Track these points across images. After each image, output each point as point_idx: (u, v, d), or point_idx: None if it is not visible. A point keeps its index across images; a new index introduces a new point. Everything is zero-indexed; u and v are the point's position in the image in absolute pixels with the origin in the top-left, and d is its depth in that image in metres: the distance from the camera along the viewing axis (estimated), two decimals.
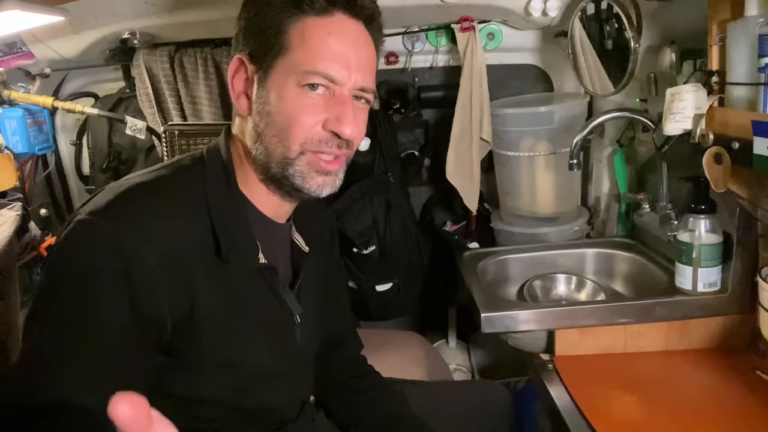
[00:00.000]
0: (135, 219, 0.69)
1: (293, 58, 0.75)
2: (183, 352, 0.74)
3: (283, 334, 0.86)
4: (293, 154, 0.77)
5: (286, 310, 0.86)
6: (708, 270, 1.12)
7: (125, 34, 1.56)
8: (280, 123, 0.76)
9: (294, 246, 0.93)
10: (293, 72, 0.75)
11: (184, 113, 1.68)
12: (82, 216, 0.69)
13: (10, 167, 1.39)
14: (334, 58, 0.75)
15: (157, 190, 0.75)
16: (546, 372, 1.12)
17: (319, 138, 0.77)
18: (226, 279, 0.76)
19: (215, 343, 0.75)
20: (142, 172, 0.79)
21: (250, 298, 0.80)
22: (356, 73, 0.77)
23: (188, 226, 0.73)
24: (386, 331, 1.73)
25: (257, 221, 0.83)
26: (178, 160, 0.82)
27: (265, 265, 0.82)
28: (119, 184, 0.74)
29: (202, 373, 0.76)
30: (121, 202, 0.71)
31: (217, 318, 0.75)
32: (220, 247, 0.75)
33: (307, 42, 0.74)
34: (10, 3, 1.02)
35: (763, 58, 0.86)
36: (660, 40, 1.32)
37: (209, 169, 0.80)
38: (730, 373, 1.05)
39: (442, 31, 1.70)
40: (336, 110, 0.76)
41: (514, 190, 1.72)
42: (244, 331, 0.79)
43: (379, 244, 1.71)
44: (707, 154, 0.98)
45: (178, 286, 0.71)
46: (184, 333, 0.72)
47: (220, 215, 0.76)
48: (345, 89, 0.77)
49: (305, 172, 0.78)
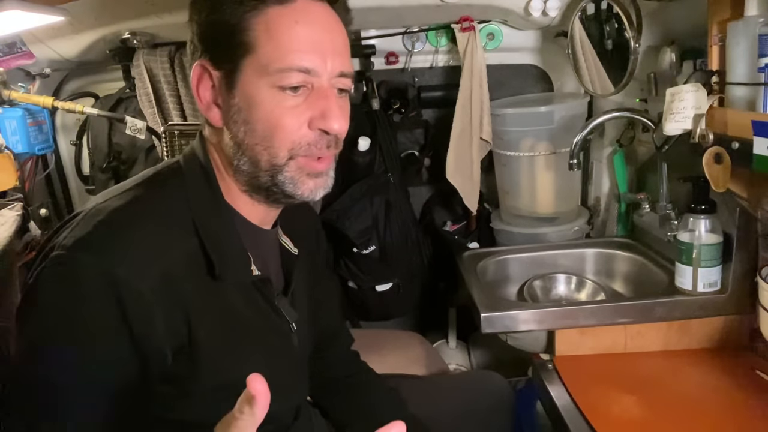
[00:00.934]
0: (120, 250, 0.65)
1: (262, 56, 0.69)
2: (183, 378, 0.70)
3: (281, 344, 0.83)
4: (281, 161, 0.72)
5: (282, 320, 0.83)
6: (708, 270, 1.12)
7: (125, 34, 1.56)
8: (261, 130, 0.71)
9: (283, 250, 0.89)
10: (265, 72, 0.69)
11: (184, 113, 1.68)
12: (62, 252, 0.65)
13: (10, 167, 1.39)
14: (307, 47, 0.70)
15: (136, 215, 0.69)
16: (546, 372, 1.12)
17: (309, 141, 0.72)
18: (221, 297, 0.73)
19: (214, 365, 0.72)
20: (116, 191, 0.73)
21: (246, 313, 0.77)
22: (333, 59, 0.71)
23: (176, 247, 0.69)
24: (386, 331, 1.73)
25: (245, 231, 0.79)
26: (154, 174, 0.77)
27: (259, 276, 0.78)
28: (95, 210, 0.69)
29: (202, 397, 0.72)
30: (100, 233, 0.66)
31: (214, 339, 0.71)
32: (213, 264, 0.71)
33: (273, 36, 0.69)
34: (10, 3, 1.02)
35: (763, 58, 0.86)
36: (660, 40, 1.32)
37: (190, 180, 0.75)
38: (730, 373, 1.05)
39: (442, 31, 1.70)
40: (319, 105, 0.71)
41: (514, 190, 1.72)
42: (242, 348, 0.76)
43: (379, 244, 1.71)
44: (707, 154, 0.98)
45: (174, 312, 0.68)
46: (183, 359, 0.69)
47: (208, 230, 0.72)
48: (324, 79, 0.71)
49: (296, 177, 0.74)
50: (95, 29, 1.53)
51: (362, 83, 1.78)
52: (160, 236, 0.69)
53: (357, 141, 1.72)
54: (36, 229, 1.42)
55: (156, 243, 0.68)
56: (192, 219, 0.72)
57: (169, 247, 0.69)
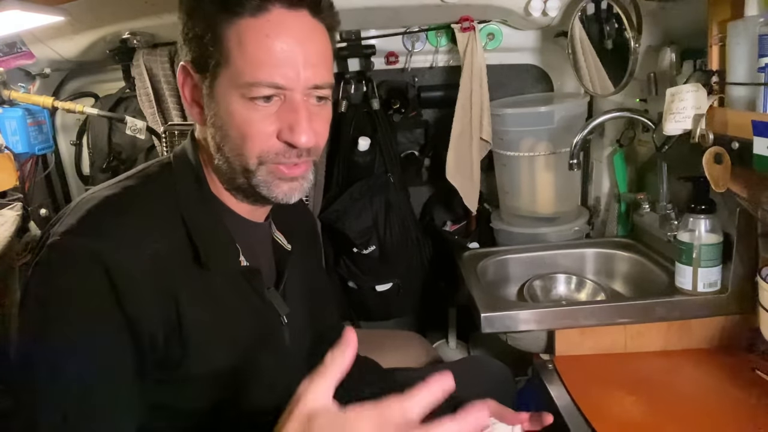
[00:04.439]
0: (111, 232, 0.67)
1: (234, 68, 0.70)
2: (174, 364, 0.72)
3: (271, 337, 0.84)
4: (252, 167, 0.74)
5: (272, 312, 0.84)
6: (708, 270, 1.12)
7: (125, 34, 1.56)
8: (233, 138, 0.73)
9: (276, 245, 0.90)
10: (236, 84, 0.70)
11: (184, 113, 1.68)
12: (56, 238, 0.67)
13: (10, 167, 1.39)
14: (277, 62, 0.69)
15: (127, 202, 0.72)
16: (546, 372, 1.12)
17: (276, 150, 0.73)
18: (208, 286, 0.74)
19: (203, 352, 0.73)
20: (107, 184, 0.76)
21: (234, 303, 0.78)
22: (305, 71, 0.71)
23: (164, 235, 0.71)
24: (386, 331, 1.73)
25: (234, 223, 0.80)
26: (144, 168, 0.80)
27: (247, 267, 0.79)
28: (87, 199, 0.72)
29: (193, 384, 0.74)
30: (93, 217, 0.68)
31: (202, 327, 0.73)
32: (199, 253, 0.72)
33: (244, 49, 0.69)
34: (10, 3, 1.02)
35: (763, 58, 0.86)
36: (660, 40, 1.32)
37: (178, 174, 0.78)
38: (730, 373, 1.05)
39: (442, 31, 1.70)
40: (288, 119, 0.72)
41: (514, 190, 1.72)
42: (231, 337, 0.77)
43: (379, 244, 1.71)
44: (707, 154, 0.98)
45: (163, 296, 0.69)
46: (173, 344, 0.71)
47: (195, 220, 0.74)
48: (296, 92, 0.72)
49: (269, 181, 0.75)
50: (95, 29, 1.53)
51: (362, 83, 1.78)
52: (149, 223, 0.71)
53: (357, 141, 1.72)
54: (36, 229, 1.42)
55: (145, 228, 0.70)
56: (179, 210, 0.74)
57: (157, 233, 0.70)
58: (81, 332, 0.65)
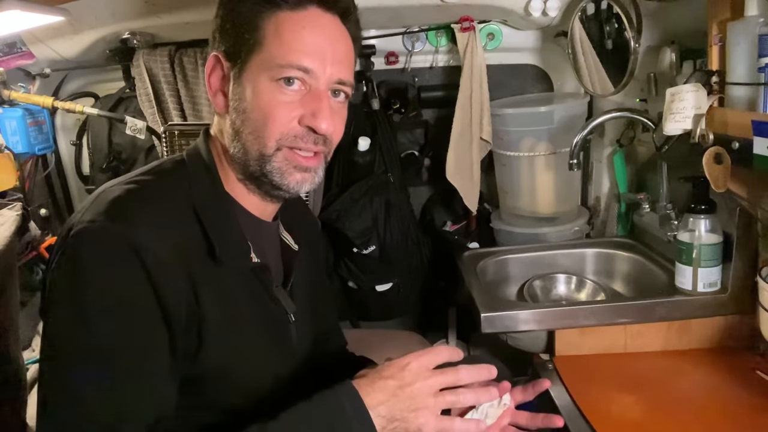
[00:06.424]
0: (140, 218, 0.69)
1: (267, 53, 0.74)
2: (191, 356, 0.73)
3: (279, 334, 0.85)
4: (270, 151, 0.76)
5: (280, 309, 0.85)
6: (708, 270, 1.12)
7: (125, 34, 1.56)
8: (255, 119, 0.75)
9: (283, 244, 0.92)
10: (267, 67, 0.74)
11: (184, 113, 1.68)
12: (83, 225, 0.67)
13: (10, 167, 1.39)
14: (308, 50, 0.74)
15: (148, 194, 0.74)
16: (546, 372, 1.12)
17: (295, 134, 0.76)
18: (221, 281, 0.76)
19: (217, 344, 0.74)
20: (122, 179, 0.77)
21: (245, 298, 0.79)
22: (332, 66, 0.76)
23: (181, 229, 0.73)
24: (386, 331, 1.73)
25: (246, 220, 0.82)
26: (158, 165, 0.81)
27: (258, 264, 0.81)
28: (106, 192, 0.73)
29: (205, 378, 0.75)
30: (119, 206, 0.70)
31: (217, 320, 0.74)
32: (213, 248, 0.74)
33: (280, 36, 0.74)
34: (10, 3, 1.02)
35: (763, 58, 0.86)
36: (660, 40, 1.32)
37: (192, 171, 0.79)
38: (730, 373, 1.05)
39: (442, 31, 1.70)
40: (312, 105, 0.75)
41: (514, 190, 1.72)
42: (240, 333, 0.78)
43: (379, 244, 1.71)
44: (707, 154, 0.98)
45: (186, 285, 0.71)
46: (192, 334, 0.72)
47: (209, 216, 0.76)
48: (321, 83, 0.76)
49: (283, 168, 0.77)
50: (95, 29, 1.53)
51: (362, 83, 1.78)
52: (169, 215, 0.73)
53: (357, 141, 1.72)
54: (36, 229, 1.42)
55: (168, 219, 0.72)
56: (194, 207, 0.75)
57: (176, 226, 0.73)
58: (120, 311, 0.66)
